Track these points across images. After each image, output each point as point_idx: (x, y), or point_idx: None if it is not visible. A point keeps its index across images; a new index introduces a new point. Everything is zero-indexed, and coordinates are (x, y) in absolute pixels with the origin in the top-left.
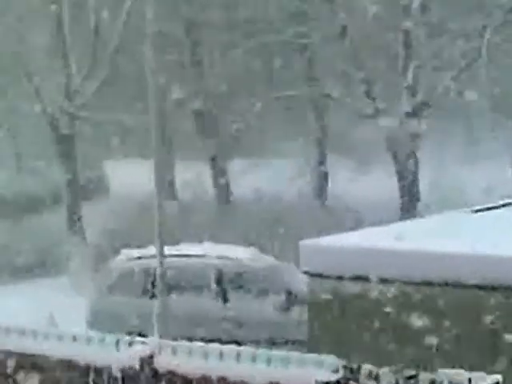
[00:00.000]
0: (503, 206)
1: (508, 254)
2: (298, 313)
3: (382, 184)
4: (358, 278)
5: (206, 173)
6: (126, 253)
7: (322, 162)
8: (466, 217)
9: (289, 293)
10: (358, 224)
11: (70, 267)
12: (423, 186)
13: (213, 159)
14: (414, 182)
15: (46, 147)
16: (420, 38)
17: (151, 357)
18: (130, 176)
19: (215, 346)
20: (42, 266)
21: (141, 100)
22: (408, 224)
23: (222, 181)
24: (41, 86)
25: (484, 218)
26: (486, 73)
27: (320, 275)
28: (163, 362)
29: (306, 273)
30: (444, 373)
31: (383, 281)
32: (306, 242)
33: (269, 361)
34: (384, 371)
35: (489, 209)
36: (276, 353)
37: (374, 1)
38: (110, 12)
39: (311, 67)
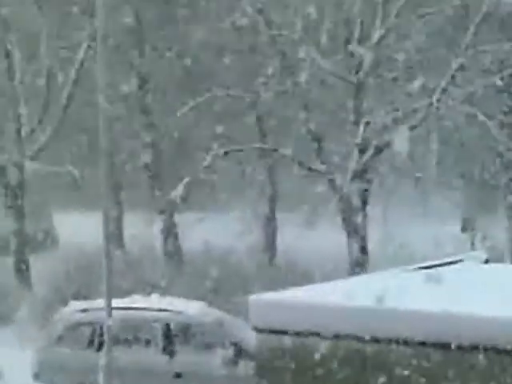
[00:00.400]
0: (450, 263)
1: (449, 311)
2: (246, 367)
3: (330, 239)
4: (305, 334)
5: (155, 225)
6: (73, 304)
7: (271, 217)
8: (413, 274)
9: (237, 347)
10: (306, 280)
11: (15, 319)
12: (372, 242)
13: (162, 212)
14: (363, 237)
15: None
16: (370, 94)
17: None
18: (78, 228)
19: None
20: None
21: (91, 152)
22: (356, 280)
23: (171, 234)
24: None
25: (428, 275)
26: (435, 131)
27: (268, 330)
28: None
29: (254, 327)
30: None
31: (332, 337)
32: (255, 297)
33: None
34: None
35: (435, 266)
36: None
37: (326, 56)
38: (62, 63)
39: (261, 123)
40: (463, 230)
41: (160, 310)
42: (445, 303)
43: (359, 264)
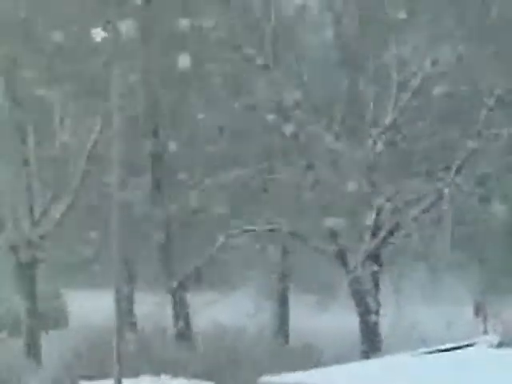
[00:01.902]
0: (462, 346)
1: None
2: None
3: (343, 321)
4: None
5: (166, 304)
6: None
7: (283, 297)
8: (424, 358)
9: None
10: (318, 361)
11: None
12: (384, 323)
13: (173, 291)
14: (375, 319)
15: (6, 275)
16: (383, 176)
17: None
18: (89, 306)
19: None
20: None
21: (103, 230)
22: (368, 364)
23: (183, 313)
24: (3, 216)
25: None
26: (448, 213)
27: None
28: None
29: None
30: None
31: None
32: (266, 379)
33: None
34: None
35: (447, 349)
36: None
37: (339, 137)
38: (76, 141)
39: (275, 203)
40: (476, 313)
41: None
42: None
43: (371, 345)
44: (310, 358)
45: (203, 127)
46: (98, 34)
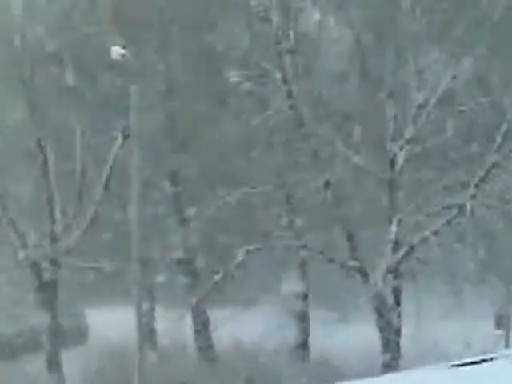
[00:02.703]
0: (483, 361)
1: None
2: None
3: (363, 337)
4: None
5: (187, 321)
6: None
7: (303, 314)
8: (445, 371)
9: None
10: (339, 377)
11: None
12: (405, 337)
13: (194, 308)
14: (396, 333)
15: (27, 293)
16: (404, 190)
17: None
18: (108, 323)
19: None
20: None
21: (123, 246)
22: (388, 378)
23: (203, 329)
24: (25, 232)
25: (460, 373)
26: (469, 227)
27: None
28: None
29: None
30: None
31: None
32: None
33: None
34: None
35: (468, 364)
36: None
37: (359, 152)
38: (95, 158)
39: (293, 218)
40: (497, 327)
41: None
42: None
43: (392, 361)
44: (329, 374)
45: (223, 143)
46: (117, 52)
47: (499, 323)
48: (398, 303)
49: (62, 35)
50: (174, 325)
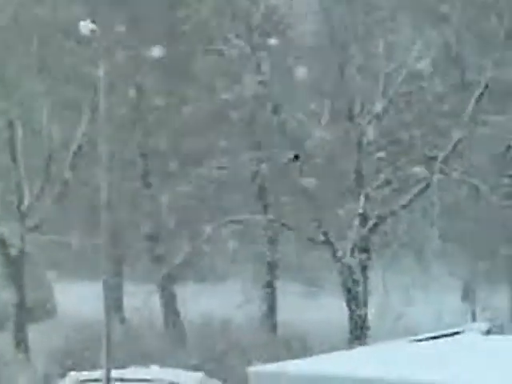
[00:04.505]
0: (451, 334)
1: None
2: None
3: (330, 310)
4: None
5: (154, 296)
6: (72, 375)
7: (271, 287)
8: (411, 346)
9: None
10: (307, 351)
11: None
12: (372, 311)
13: (162, 283)
14: (363, 307)
15: None
16: (371, 165)
17: None
18: (77, 298)
19: None
20: None
21: (91, 222)
22: (356, 352)
23: (171, 305)
24: None
25: (427, 347)
26: (436, 201)
27: None
28: None
29: None
30: None
31: None
32: (255, 369)
33: None
34: None
35: (435, 337)
36: None
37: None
38: (63, 134)
39: (262, 193)
40: (464, 300)
41: (160, 381)
42: (445, 375)
43: (359, 334)
44: (297, 347)
45: (192, 119)
46: (86, 27)
47: (466, 296)
48: (365, 277)
49: (30, 9)
50: (142, 300)
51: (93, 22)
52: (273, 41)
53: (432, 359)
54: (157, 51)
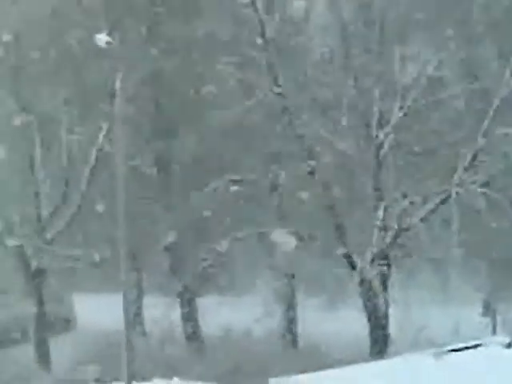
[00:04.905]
0: (470, 347)
1: None
2: None
3: (351, 322)
4: None
5: (175, 308)
6: None
7: (291, 300)
8: (432, 359)
9: None
10: (327, 363)
11: None
12: (392, 324)
13: (182, 295)
14: (384, 320)
15: (14, 281)
16: (389, 177)
17: None
18: (97, 311)
19: None
20: None
21: (110, 235)
22: (377, 364)
23: (191, 317)
24: (13, 221)
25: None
26: (455, 213)
27: None
28: None
29: None
30: None
31: None
32: (275, 381)
33: None
34: None
35: (455, 350)
36: None
37: (345, 138)
38: (81, 147)
39: (280, 206)
40: (484, 313)
41: None
42: None
43: (380, 346)
44: (318, 360)
45: (209, 130)
46: (102, 39)
47: (486, 309)
48: (385, 289)
49: (48, 22)
50: (162, 312)
51: (108, 34)
52: (289, 53)
53: (453, 371)
54: (172, 62)
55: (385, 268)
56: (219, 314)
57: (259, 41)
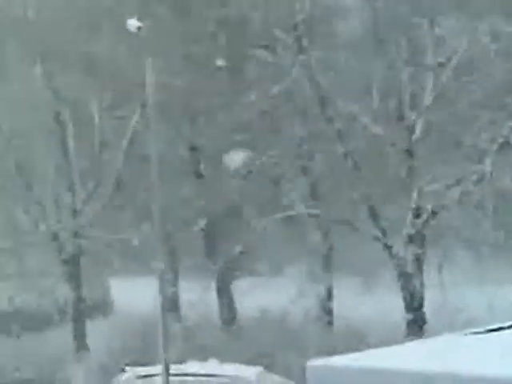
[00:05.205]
0: (506, 327)
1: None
2: None
3: (387, 304)
4: None
5: (210, 292)
6: (131, 371)
7: (327, 282)
8: (468, 338)
9: None
10: (363, 344)
11: None
12: (428, 305)
13: (217, 278)
14: (420, 302)
15: (51, 265)
16: (423, 159)
17: None
18: (134, 294)
19: None
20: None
21: (145, 219)
22: (414, 345)
23: (227, 300)
24: (46, 205)
25: (485, 339)
26: (489, 194)
27: None
28: None
29: None
30: None
31: None
32: (314, 362)
33: None
34: None
35: (494, 330)
36: None
37: (378, 122)
38: (114, 131)
39: (315, 188)
40: None
41: (219, 376)
42: (506, 368)
43: (416, 328)
44: (354, 340)
45: (240, 113)
46: (133, 25)
47: None
48: (420, 271)
49: (78, 7)
50: (198, 295)
51: (139, 19)
52: (320, 35)
53: (491, 352)
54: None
55: (420, 249)
56: (254, 296)
57: (290, 24)
